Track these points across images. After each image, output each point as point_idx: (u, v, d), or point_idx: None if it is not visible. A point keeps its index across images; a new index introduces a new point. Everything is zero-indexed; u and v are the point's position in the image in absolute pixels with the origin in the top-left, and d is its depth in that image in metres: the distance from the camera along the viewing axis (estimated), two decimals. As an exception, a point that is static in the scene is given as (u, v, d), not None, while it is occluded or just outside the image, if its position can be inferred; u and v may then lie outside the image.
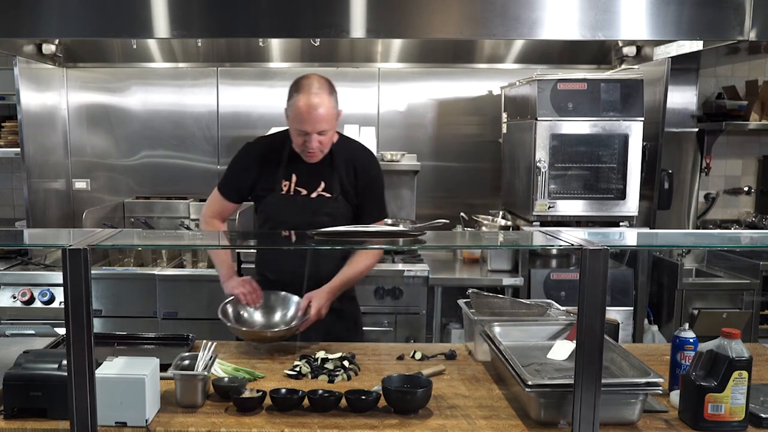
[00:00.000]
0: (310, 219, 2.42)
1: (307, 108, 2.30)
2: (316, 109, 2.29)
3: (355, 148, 2.59)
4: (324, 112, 2.31)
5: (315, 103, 2.30)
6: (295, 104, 2.33)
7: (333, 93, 2.37)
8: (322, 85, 2.35)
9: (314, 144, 2.35)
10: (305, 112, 2.30)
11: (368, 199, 2.54)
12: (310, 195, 2.48)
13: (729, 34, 2.43)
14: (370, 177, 2.53)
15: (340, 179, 2.48)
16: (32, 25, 2.49)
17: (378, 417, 1.77)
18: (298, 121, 2.33)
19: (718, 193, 4.64)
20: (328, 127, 2.34)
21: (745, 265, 3.96)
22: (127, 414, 1.69)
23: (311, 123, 2.31)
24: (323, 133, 2.34)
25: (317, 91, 2.32)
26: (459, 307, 2.45)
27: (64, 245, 1.50)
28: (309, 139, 2.34)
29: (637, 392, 1.71)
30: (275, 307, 2.46)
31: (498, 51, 4.32)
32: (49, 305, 3.59)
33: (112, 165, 4.47)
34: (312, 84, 2.33)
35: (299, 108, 2.31)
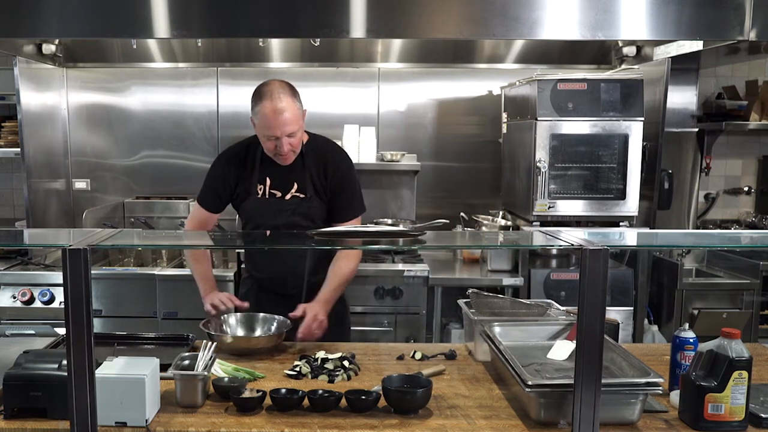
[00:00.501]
0: (285, 220, 2.50)
1: (273, 113, 2.34)
2: (282, 113, 2.34)
3: (325, 146, 2.61)
4: (290, 115, 2.36)
5: (280, 107, 2.35)
6: (261, 111, 2.37)
7: (295, 94, 2.43)
8: (284, 88, 2.41)
9: (285, 147, 2.40)
10: (272, 117, 2.35)
11: (341, 196, 2.56)
12: (285, 197, 2.53)
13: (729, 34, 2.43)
14: (340, 174, 2.55)
15: (311, 179, 2.51)
16: (32, 25, 2.49)
17: (378, 417, 1.77)
18: (266, 127, 2.38)
19: (718, 193, 4.64)
20: (296, 128, 2.39)
21: (745, 265, 3.96)
22: (127, 414, 1.69)
23: (279, 127, 2.35)
24: (292, 135, 2.39)
25: (280, 96, 2.37)
26: (459, 307, 2.45)
27: (64, 245, 1.50)
28: (280, 144, 2.39)
29: (637, 392, 1.71)
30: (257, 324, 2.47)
31: (498, 51, 4.32)
32: (49, 305, 3.59)
33: (112, 165, 4.47)
34: (274, 89, 2.39)
35: (265, 114, 2.36)
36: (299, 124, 2.41)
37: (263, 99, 2.38)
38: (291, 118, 2.36)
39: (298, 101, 2.43)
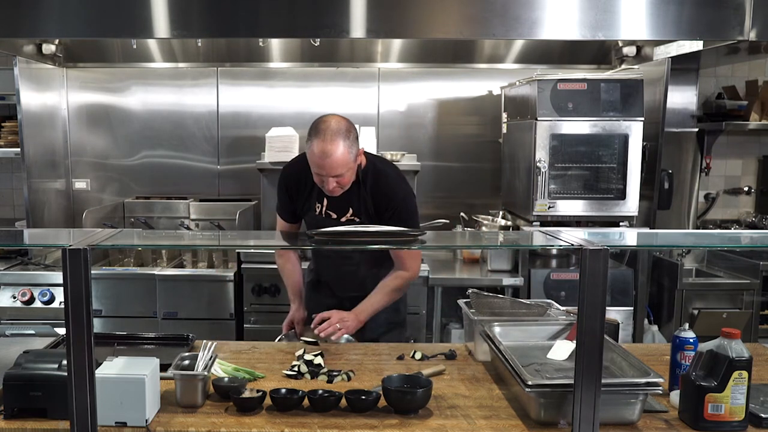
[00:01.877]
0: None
1: (321, 154, 2.28)
2: (330, 156, 2.27)
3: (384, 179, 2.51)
4: (338, 159, 2.28)
5: (328, 150, 2.27)
6: (311, 149, 2.32)
7: (349, 135, 2.32)
8: (339, 128, 2.31)
9: (330, 186, 2.35)
10: (319, 158, 2.29)
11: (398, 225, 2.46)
12: (340, 219, 2.51)
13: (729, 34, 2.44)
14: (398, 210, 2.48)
15: (365, 206, 2.48)
16: (32, 25, 2.49)
17: (378, 417, 1.77)
18: (313, 164, 2.34)
19: (718, 193, 4.64)
20: (343, 171, 2.33)
21: (745, 265, 3.96)
22: (127, 414, 1.69)
23: (325, 168, 2.30)
24: (339, 176, 2.34)
25: (332, 137, 2.28)
26: (459, 307, 2.45)
27: (64, 245, 1.50)
28: (326, 181, 2.34)
29: (637, 392, 1.71)
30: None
31: (498, 51, 4.32)
32: (49, 305, 3.60)
33: (112, 165, 4.47)
34: (327, 129, 2.30)
35: (314, 153, 2.30)
36: (347, 167, 2.33)
37: (316, 136, 2.30)
38: (338, 161, 2.29)
39: (351, 142, 2.32)
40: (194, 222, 4.23)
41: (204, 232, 3.91)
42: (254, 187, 4.18)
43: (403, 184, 2.54)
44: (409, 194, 2.55)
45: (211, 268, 3.85)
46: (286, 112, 4.32)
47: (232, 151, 4.43)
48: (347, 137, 2.31)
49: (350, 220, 2.50)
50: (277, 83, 4.37)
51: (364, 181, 2.47)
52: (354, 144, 2.35)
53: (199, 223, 4.23)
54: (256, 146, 4.14)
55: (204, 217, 4.24)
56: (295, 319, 2.64)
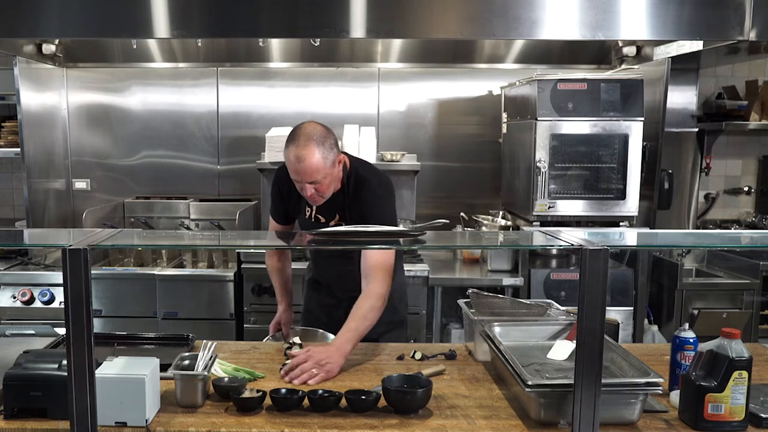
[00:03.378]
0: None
1: (295, 159, 2.25)
2: (303, 160, 2.23)
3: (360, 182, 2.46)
4: (312, 164, 2.24)
5: (302, 155, 2.23)
6: (287, 155, 2.29)
7: (325, 142, 2.27)
8: (312, 134, 2.26)
9: (308, 192, 2.32)
10: (294, 163, 2.26)
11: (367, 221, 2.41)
12: (329, 223, 2.50)
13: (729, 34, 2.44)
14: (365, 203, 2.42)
15: (350, 213, 2.45)
16: (32, 25, 2.50)
17: (378, 417, 1.77)
18: (290, 171, 2.31)
19: (718, 193, 4.64)
20: (318, 177, 2.28)
21: (745, 265, 3.96)
22: (127, 414, 1.69)
23: (300, 174, 2.27)
24: (316, 182, 2.29)
25: (305, 143, 2.24)
26: (459, 307, 2.45)
27: (64, 245, 1.50)
28: (303, 187, 2.32)
29: (637, 392, 1.71)
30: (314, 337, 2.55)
31: (498, 51, 4.32)
32: (49, 305, 3.60)
33: (112, 165, 4.47)
34: (301, 134, 2.26)
35: (289, 159, 2.28)
36: (324, 173, 2.28)
37: (291, 142, 2.28)
38: (313, 167, 2.24)
39: (327, 148, 2.27)
40: (194, 222, 4.23)
41: (204, 232, 3.91)
42: (254, 187, 4.19)
43: (380, 191, 2.46)
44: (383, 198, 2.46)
45: (211, 268, 3.85)
46: (286, 112, 4.32)
47: (232, 151, 4.43)
48: (323, 143, 2.27)
49: (339, 225, 2.47)
50: (277, 83, 4.37)
51: (347, 188, 2.45)
52: (330, 150, 2.29)
53: (199, 223, 4.23)
54: (256, 146, 4.14)
55: (204, 217, 4.24)
56: (282, 321, 2.63)
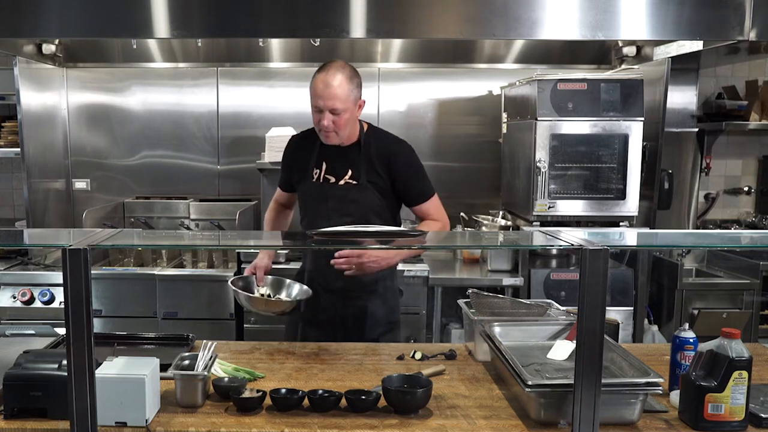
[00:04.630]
0: (336, 206, 2.50)
1: (323, 84, 2.37)
2: (330, 86, 2.36)
3: (387, 138, 2.63)
4: (338, 91, 2.36)
5: (330, 81, 2.36)
6: (314, 81, 2.41)
7: (353, 78, 2.42)
8: (344, 68, 2.42)
9: (326, 122, 2.39)
10: (320, 87, 2.37)
11: (410, 185, 2.57)
12: (338, 182, 2.52)
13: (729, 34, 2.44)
14: (405, 164, 2.56)
15: (367, 167, 2.50)
16: (32, 25, 2.49)
17: (378, 417, 1.77)
18: (313, 96, 2.41)
19: (718, 193, 4.64)
20: (341, 106, 2.38)
21: (745, 265, 3.96)
22: (127, 414, 1.69)
23: (324, 99, 2.36)
24: (336, 112, 2.38)
25: (335, 72, 2.38)
26: (459, 307, 2.45)
27: (64, 245, 1.50)
28: (322, 117, 2.39)
29: (637, 392, 1.71)
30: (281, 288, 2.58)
31: (498, 51, 4.32)
32: (49, 305, 3.60)
33: (112, 165, 4.47)
34: (334, 65, 2.41)
35: (315, 84, 2.40)
36: (346, 105, 2.39)
37: (320, 71, 2.41)
38: (338, 94, 2.36)
39: (354, 86, 2.42)
40: (194, 222, 4.23)
41: (204, 232, 3.91)
42: (254, 187, 4.18)
43: (406, 143, 2.63)
44: (414, 152, 2.62)
45: (211, 268, 3.85)
46: (286, 112, 4.32)
47: (232, 151, 4.43)
48: (351, 79, 2.41)
49: (348, 183, 2.51)
50: (277, 83, 4.37)
51: (367, 143, 2.53)
52: (356, 87, 2.43)
53: (199, 223, 4.23)
54: (256, 146, 4.14)
55: (204, 217, 4.24)
56: (258, 265, 2.58)
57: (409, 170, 2.56)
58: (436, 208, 2.62)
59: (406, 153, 2.59)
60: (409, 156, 2.59)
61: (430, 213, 2.61)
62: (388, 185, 2.53)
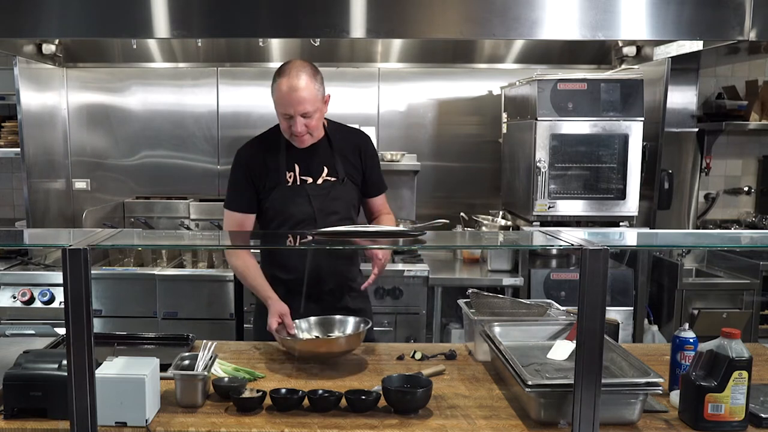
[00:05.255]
0: (321, 205, 2.44)
1: (288, 90, 2.29)
2: (297, 90, 2.28)
3: (350, 130, 2.62)
4: (306, 95, 2.29)
5: (296, 84, 2.28)
6: (277, 87, 2.33)
7: (316, 75, 2.36)
8: (304, 68, 2.34)
9: (299, 127, 2.34)
10: (286, 94, 2.30)
11: (373, 175, 2.58)
12: (317, 181, 2.46)
13: (729, 34, 2.43)
14: (372, 153, 2.57)
15: (342, 162, 2.48)
16: (32, 25, 2.49)
17: (378, 417, 1.77)
18: (281, 104, 2.34)
19: (718, 193, 4.64)
20: (311, 108, 2.32)
21: (745, 265, 3.96)
22: (127, 414, 1.69)
23: (293, 105, 2.30)
24: (307, 115, 2.33)
25: (297, 74, 2.30)
26: (459, 307, 2.45)
27: (64, 245, 1.50)
28: (294, 123, 2.33)
29: (637, 392, 1.71)
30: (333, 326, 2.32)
31: (498, 51, 4.32)
32: (49, 305, 3.59)
33: (112, 165, 4.47)
34: (293, 67, 2.33)
35: (281, 91, 2.31)
36: (316, 106, 2.34)
37: (281, 75, 2.33)
38: (306, 97, 2.29)
39: (319, 83, 2.36)
40: (194, 222, 4.23)
41: (204, 232, 3.91)
42: (254, 187, 4.18)
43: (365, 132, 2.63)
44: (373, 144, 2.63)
45: (211, 268, 3.85)
46: (286, 112, 4.31)
47: (232, 151, 4.31)
48: (314, 76, 2.34)
49: (327, 181, 2.46)
50: (277, 83, 4.36)
51: (334, 136, 2.50)
52: (320, 84, 2.37)
53: (199, 223, 4.23)
54: (256, 146, 4.13)
55: (204, 217, 4.24)
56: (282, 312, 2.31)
57: (374, 160, 2.58)
58: (386, 203, 2.66)
59: (370, 142, 2.59)
60: (373, 146, 2.60)
61: (383, 206, 2.63)
62: (360, 177, 2.53)
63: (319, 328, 2.31)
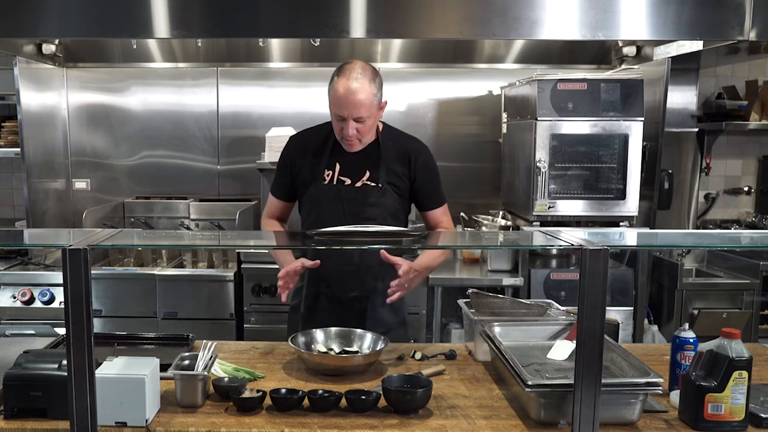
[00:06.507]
0: (354, 209, 2.37)
1: (345, 92, 2.24)
2: (354, 94, 2.23)
3: (405, 137, 2.52)
4: (363, 98, 2.24)
5: (353, 87, 2.23)
6: (334, 88, 2.27)
7: (375, 79, 2.30)
8: (365, 70, 2.29)
9: (350, 131, 2.28)
10: (342, 96, 2.24)
11: (426, 185, 2.47)
12: (354, 184, 2.40)
13: (729, 34, 2.43)
14: (423, 160, 2.46)
15: (387, 168, 2.40)
16: (32, 25, 2.49)
17: (378, 417, 1.77)
18: (335, 105, 2.28)
19: (718, 193, 4.64)
20: (366, 114, 2.27)
21: (745, 265, 3.96)
22: (127, 414, 1.69)
23: (348, 108, 2.25)
24: (361, 120, 2.27)
25: (357, 76, 2.25)
26: (459, 307, 2.45)
27: (64, 245, 1.50)
28: (346, 126, 2.28)
29: (637, 392, 1.71)
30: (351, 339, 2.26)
31: (498, 51, 4.32)
32: (49, 305, 3.60)
33: (112, 165, 4.47)
34: (354, 68, 2.28)
35: (337, 92, 2.26)
36: (371, 111, 2.28)
37: (340, 75, 2.27)
38: (363, 101, 2.24)
39: (377, 88, 2.31)
40: (194, 222, 4.23)
41: (204, 232, 3.91)
42: (254, 187, 4.18)
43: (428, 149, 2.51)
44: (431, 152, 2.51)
45: (211, 268, 3.85)
46: (286, 112, 4.32)
47: (232, 151, 4.43)
48: (373, 80, 2.29)
49: (366, 185, 2.39)
50: (277, 83, 4.37)
51: (385, 142, 2.42)
52: (379, 90, 2.32)
53: (199, 223, 4.23)
54: (256, 146, 4.13)
55: (204, 217, 4.24)
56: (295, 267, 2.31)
57: (429, 170, 2.47)
58: (448, 218, 2.54)
59: (427, 153, 2.49)
60: (429, 156, 2.49)
61: (442, 220, 2.53)
62: (406, 186, 2.44)
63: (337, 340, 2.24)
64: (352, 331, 2.26)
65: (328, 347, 2.21)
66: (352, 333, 2.26)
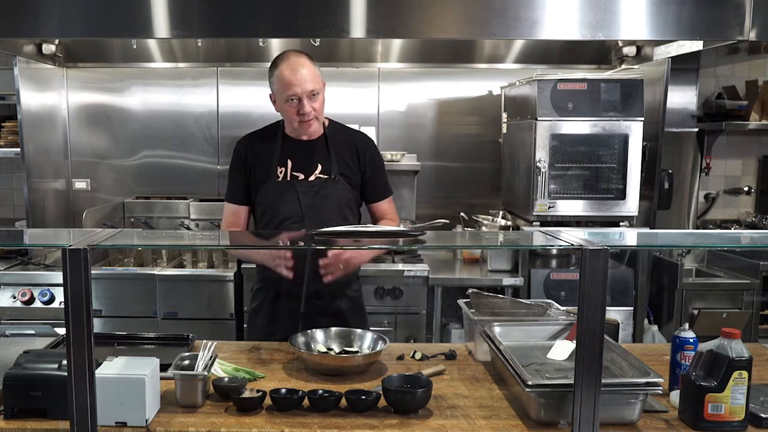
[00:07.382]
0: (308, 202, 2.43)
1: (292, 71, 2.34)
2: (301, 68, 2.34)
3: (350, 130, 2.61)
4: (309, 71, 2.35)
5: (298, 63, 2.34)
6: (278, 73, 2.37)
7: (313, 61, 2.42)
8: (300, 52, 2.42)
9: (307, 107, 2.36)
10: (290, 75, 2.34)
11: (374, 177, 2.54)
12: (308, 178, 2.46)
13: (729, 34, 2.43)
14: (372, 155, 2.55)
15: (338, 160, 2.47)
16: (32, 25, 2.49)
17: (378, 417, 1.77)
18: (285, 87, 2.35)
19: (718, 193, 4.64)
20: (317, 87, 2.37)
21: (745, 265, 3.96)
22: (127, 414, 1.69)
23: (300, 83, 2.33)
24: (314, 93, 2.36)
25: (296, 57, 2.37)
26: (459, 307, 2.45)
27: (64, 245, 1.50)
28: (302, 105, 2.35)
29: (637, 392, 1.71)
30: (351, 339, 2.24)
31: (498, 51, 4.32)
32: (49, 305, 3.60)
33: (112, 165, 4.47)
34: (289, 54, 2.40)
35: (283, 74, 2.35)
36: (319, 85, 2.38)
37: (281, 62, 2.38)
38: (310, 75, 2.35)
39: (316, 65, 2.41)
40: (194, 222, 4.23)
41: (204, 232, 3.91)
42: (254, 187, 4.18)
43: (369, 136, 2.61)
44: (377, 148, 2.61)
45: (211, 268, 3.85)
46: (286, 112, 4.31)
47: (232, 151, 4.42)
48: (311, 58, 2.41)
49: (319, 178, 2.45)
50: (277, 83, 4.36)
51: (332, 135, 2.50)
52: (318, 67, 2.42)
53: (199, 223, 4.23)
54: (256, 146, 4.13)
55: (204, 217, 4.24)
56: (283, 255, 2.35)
57: (377, 162, 2.56)
58: (393, 209, 2.61)
59: (373, 145, 2.58)
60: (376, 149, 2.59)
61: (388, 212, 2.59)
62: (357, 178, 2.51)
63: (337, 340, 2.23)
64: (352, 331, 2.27)
65: (328, 347, 2.21)
66: (352, 333, 2.26)
